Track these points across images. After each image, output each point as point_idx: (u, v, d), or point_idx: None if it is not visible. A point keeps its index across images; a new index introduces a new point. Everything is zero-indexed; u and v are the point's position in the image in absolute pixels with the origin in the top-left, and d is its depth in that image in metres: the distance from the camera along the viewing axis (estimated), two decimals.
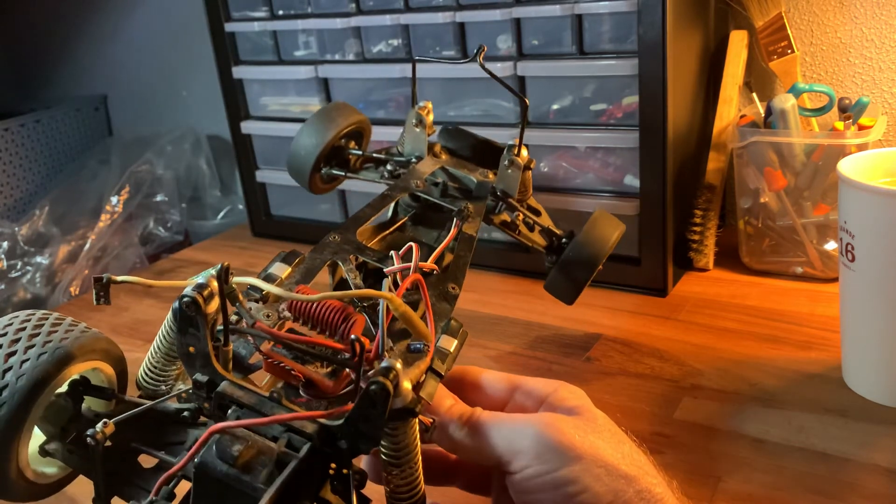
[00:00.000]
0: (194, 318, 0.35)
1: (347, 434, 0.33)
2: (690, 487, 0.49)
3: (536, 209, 0.63)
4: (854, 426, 0.53)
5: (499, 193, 0.58)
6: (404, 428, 0.33)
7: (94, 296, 0.36)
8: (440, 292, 0.45)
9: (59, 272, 1.12)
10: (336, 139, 0.63)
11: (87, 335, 0.39)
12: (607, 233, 0.59)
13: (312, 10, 0.88)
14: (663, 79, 0.69)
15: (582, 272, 0.58)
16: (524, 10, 0.74)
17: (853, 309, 0.56)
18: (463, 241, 0.50)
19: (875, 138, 0.68)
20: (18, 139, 1.30)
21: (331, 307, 0.38)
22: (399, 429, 0.33)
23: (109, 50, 1.39)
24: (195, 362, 0.36)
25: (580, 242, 0.58)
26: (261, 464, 0.31)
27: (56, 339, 0.37)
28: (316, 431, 0.33)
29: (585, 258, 0.58)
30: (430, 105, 0.62)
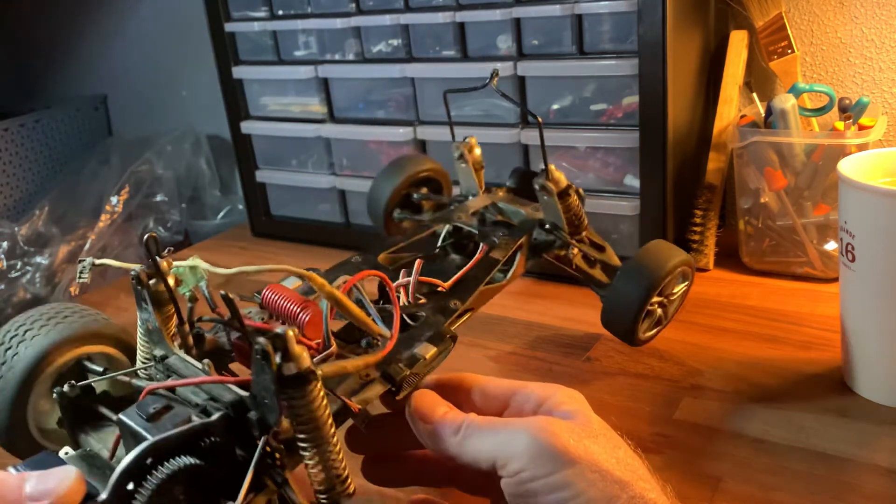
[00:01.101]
0: (142, 292, 0.40)
1: (255, 405, 0.35)
2: (690, 487, 0.49)
3: (600, 245, 0.61)
4: (854, 426, 0.53)
5: (547, 226, 0.58)
6: (304, 399, 0.34)
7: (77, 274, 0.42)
8: (440, 306, 0.47)
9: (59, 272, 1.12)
10: (404, 186, 0.65)
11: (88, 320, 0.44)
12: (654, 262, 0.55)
13: (312, 10, 0.88)
14: (663, 79, 0.69)
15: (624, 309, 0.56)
16: (524, 10, 0.74)
17: (853, 309, 0.56)
18: (483, 264, 0.52)
19: (875, 138, 0.68)
20: (18, 139, 1.30)
21: (289, 299, 0.41)
22: (298, 399, 0.34)
23: (109, 50, 1.39)
24: (153, 338, 0.41)
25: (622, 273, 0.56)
26: (169, 420, 0.34)
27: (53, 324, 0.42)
28: (231, 402, 0.35)
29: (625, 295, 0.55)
30: (473, 140, 0.64)
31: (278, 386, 0.34)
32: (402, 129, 0.85)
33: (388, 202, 0.65)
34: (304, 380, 0.34)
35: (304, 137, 0.94)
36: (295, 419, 0.35)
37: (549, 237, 0.58)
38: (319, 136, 0.92)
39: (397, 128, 0.86)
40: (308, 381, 0.34)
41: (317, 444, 0.35)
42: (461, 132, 0.82)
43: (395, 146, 0.88)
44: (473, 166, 0.63)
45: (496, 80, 0.56)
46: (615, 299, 0.54)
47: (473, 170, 0.63)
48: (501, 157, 0.81)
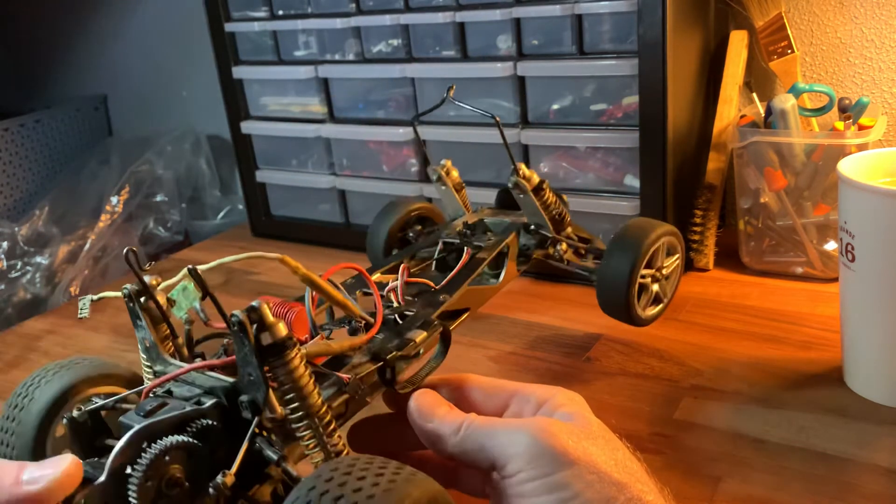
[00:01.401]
0: (134, 310, 0.40)
1: (244, 386, 0.36)
2: (690, 487, 0.49)
3: (587, 237, 0.63)
4: (854, 426, 0.53)
5: (532, 227, 0.60)
6: (286, 368, 0.36)
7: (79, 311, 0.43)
8: (429, 301, 0.50)
9: (59, 272, 1.12)
10: (398, 227, 0.67)
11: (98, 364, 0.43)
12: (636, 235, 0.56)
13: (312, 10, 0.88)
14: (663, 79, 0.69)
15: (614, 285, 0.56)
16: (524, 10, 0.74)
17: (853, 309, 0.56)
18: (470, 265, 0.54)
19: (875, 138, 0.68)
20: (18, 139, 1.30)
21: (275, 303, 0.43)
22: (280, 368, 0.36)
23: (109, 50, 1.39)
24: (151, 354, 0.41)
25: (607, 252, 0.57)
26: (164, 412, 0.36)
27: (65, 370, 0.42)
28: (222, 388, 0.37)
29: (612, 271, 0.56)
30: (448, 163, 0.66)
31: (259, 357, 0.35)
32: (402, 130, 0.85)
33: (385, 243, 0.66)
34: (283, 347, 0.35)
35: (304, 137, 0.94)
36: (281, 391, 0.36)
37: (535, 237, 0.60)
38: (319, 136, 0.92)
39: (397, 128, 0.86)
40: (286, 347, 0.36)
41: (306, 416, 0.36)
42: (461, 132, 0.82)
43: (395, 146, 0.88)
44: (454, 188, 0.65)
45: (452, 92, 0.60)
46: (604, 278, 0.55)
47: (455, 191, 0.65)
48: (501, 157, 0.81)
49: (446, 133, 0.83)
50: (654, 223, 0.58)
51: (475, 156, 0.83)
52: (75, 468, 0.32)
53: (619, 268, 0.55)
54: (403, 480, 0.31)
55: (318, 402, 0.37)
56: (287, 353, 0.36)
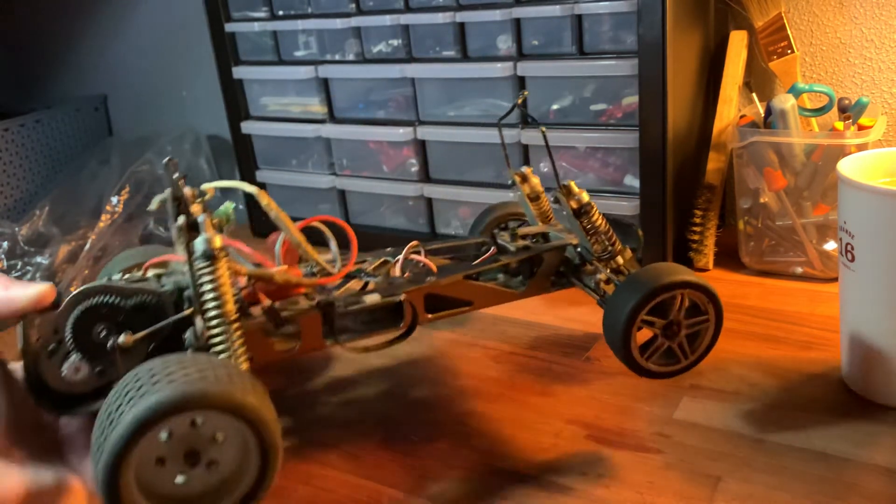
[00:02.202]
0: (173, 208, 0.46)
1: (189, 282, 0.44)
2: (690, 487, 0.49)
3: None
4: (854, 426, 0.53)
5: (579, 250, 0.57)
6: (209, 268, 0.42)
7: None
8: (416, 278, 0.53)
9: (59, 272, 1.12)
10: (495, 224, 0.68)
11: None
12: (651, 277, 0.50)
13: (312, 11, 0.88)
14: (663, 79, 0.69)
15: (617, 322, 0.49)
16: (524, 11, 0.74)
17: (853, 309, 0.56)
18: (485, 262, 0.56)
19: (875, 138, 0.68)
20: (18, 139, 1.30)
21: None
22: (202, 268, 0.42)
23: (109, 50, 1.39)
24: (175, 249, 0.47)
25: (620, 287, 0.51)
26: (125, 282, 0.45)
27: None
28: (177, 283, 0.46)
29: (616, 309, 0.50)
30: (527, 170, 0.62)
31: (190, 260, 0.42)
32: (402, 130, 0.85)
33: (478, 233, 0.67)
34: (211, 255, 0.42)
35: (304, 137, 0.94)
36: (206, 294, 0.43)
37: (576, 259, 0.57)
38: (319, 136, 0.92)
39: (397, 128, 0.86)
40: (214, 257, 0.42)
41: (220, 317, 0.43)
42: (461, 132, 0.82)
43: (395, 146, 0.88)
44: (529, 196, 0.62)
45: (521, 100, 0.60)
46: (606, 311, 0.51)
47: (528, 199, 0.62)
48: (501, 157, 0.81)
49: (446, 133, 0.83)
50: (677, 270, 0.50)
51: (475, 156, 0.83)
52: (50, 290, 0.42)
53: (623, 301, 0.49)
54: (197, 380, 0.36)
55: (232, 311, 0.43)
56: (215, 262, 0.42)
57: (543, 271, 0.56)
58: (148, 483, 0.37)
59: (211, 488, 0.38)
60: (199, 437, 0.37)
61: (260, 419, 0.37)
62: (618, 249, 0.55)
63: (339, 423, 0.60)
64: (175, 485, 0.37)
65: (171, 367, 0.36)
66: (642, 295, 0.48)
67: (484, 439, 0.56)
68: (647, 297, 0.48)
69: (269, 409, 0.38)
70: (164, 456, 0.37)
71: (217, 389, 0.36)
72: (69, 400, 0.43)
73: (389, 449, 0.56)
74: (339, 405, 0.63)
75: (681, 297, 0.49)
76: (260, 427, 0.37)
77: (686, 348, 0.51)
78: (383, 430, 0.58)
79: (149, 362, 0.37)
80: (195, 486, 0.38)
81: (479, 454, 0.54)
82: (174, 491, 0.37)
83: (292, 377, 0.67)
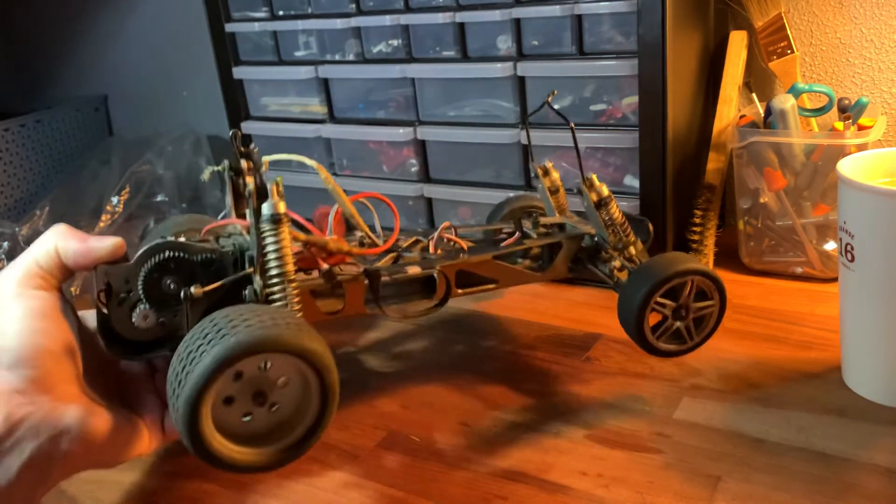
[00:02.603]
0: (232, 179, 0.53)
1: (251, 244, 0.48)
2: (690, 487, 0.49)
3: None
4: (854, 426, 0.53)
5: (596, 240, 0.61)
6: (273, 231, 0.47)
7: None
8: (449, 255, 0.58)
9: None
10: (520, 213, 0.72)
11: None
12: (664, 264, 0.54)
13: (312, 11, 0.88)
14: (663, 79, 0.69)
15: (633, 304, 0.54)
16: (524, 11, 0.74)
17: (853, 309, 0.56)
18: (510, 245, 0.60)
19: (874, 138, 0.69)
20: (18, 139, 1.30)
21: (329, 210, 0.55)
22: (269, 236, 0.47)
23: (110, 50, 1.39)
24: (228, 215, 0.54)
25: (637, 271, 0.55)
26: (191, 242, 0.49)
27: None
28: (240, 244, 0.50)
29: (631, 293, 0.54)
30: (549, 164, 0.67)
31: (257, 222, 0.47)
32: (402, 130, 0.85)
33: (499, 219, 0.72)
34: (276, 219, 0.46)
35: (304, 137, 0.94)
36: (267, 253, 0.47)
37: (591, 247, 0.61)
38: (319, 136, 0.92)
39: (397, 128, 0.86)
40: (279, 220, 0.47)
41: (280, 276, 0.47)
42: (461, 132, 0.82)
43: (395, 146, 0.88)
44: (549, 189, 0.66)
45: (551, 98, 0.63)
46: (622, 297, 0.56)
47: (549, 192, 0.66)
48: (501, 157, 0.81)
49: (446, 133, 0.83)
50: (687, 259, 0.55)
51: (475, 156, 0.83)
52: (122, 244, 0.47)
53: (636, 288, 0.54)
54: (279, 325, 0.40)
55: (292, 271, 0.47)
56: (279, 225, 0.47)
57: (562, 257, 0.61)
58: (216, 420, 0.41)
59: (273, 427, 0.43)
60: (265, 380, 0.42)
61: (324, 364, 0.42)
62: (631, 240, 0.60)
63: (339, 423, 0.60)
64: (241, 423, 0.42)
65: (245, 314, 0.41)
66: (657, 280, 0.53)
67: (484, 439, 0.56)
68: (662, 282, 0.53)
69: (330, 357, 0.42)
70: (233, 396, 0.41)
71: (289, 334, 0.40)
72: (135, 346, 0.48)
73: (390, 449, 0.56)
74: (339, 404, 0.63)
75: (690, 283, 0.54)
76: (323, 372, 0.42)
77: (693, 330, 0.56)
78: (383, 429, 0.58)
79: (223, 310, 0.41)
80: (259, 424, 0.43)
81: (478, 454, 0.54)
82: (240, 429, 0.42)
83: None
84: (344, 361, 0.69)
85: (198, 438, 0.40)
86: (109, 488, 0.55)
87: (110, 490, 0.55)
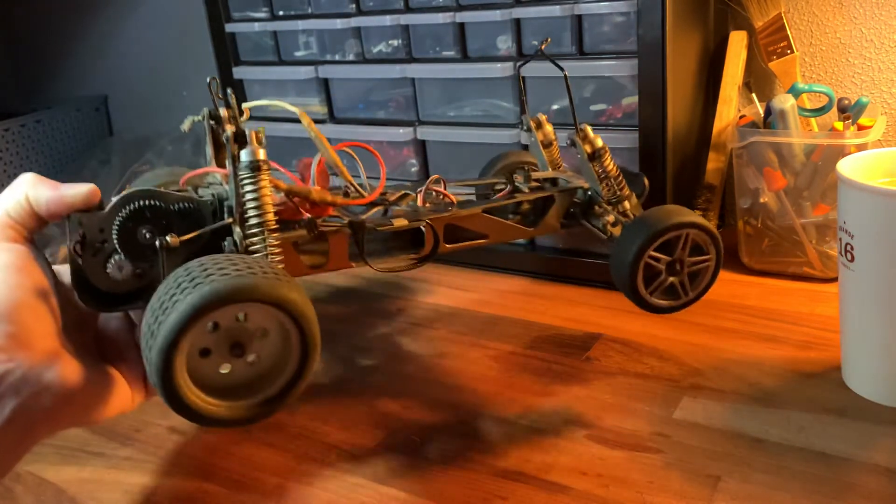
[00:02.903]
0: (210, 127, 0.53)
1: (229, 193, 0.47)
2: (690, 487, 0.49)
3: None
4: (854, 426, 0.53)
5: (590, 193, 0.59)
6: (252, 179, 0.45)
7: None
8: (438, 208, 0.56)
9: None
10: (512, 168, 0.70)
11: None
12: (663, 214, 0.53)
13: (312, 11, 0.88)
14: (663, 79, 0.69)
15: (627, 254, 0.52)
16: (524, 11, 0.74)
17: (852, 309, 0.56)
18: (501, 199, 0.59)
19: (874, 138, 0.69)
20: (19, 139, 1.30)
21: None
22: (245, 178, 0.45)
23: (110, 50, 1.39)
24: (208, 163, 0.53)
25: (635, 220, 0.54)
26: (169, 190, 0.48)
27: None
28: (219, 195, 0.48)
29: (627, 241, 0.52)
30: (542, 117, 0.66)
31: (235, 170, 0.45)
32: (402, 130, 0.85)
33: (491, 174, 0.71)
34: (256, 166, 0.45)
35: (304, 137, 0.94)
36: (243, 204, 0.45)
37: (584, 201, 0.60)
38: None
39: (397, 128, 0.86)
40: (258, 168, 0.45)
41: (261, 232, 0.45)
42: (461, 132, 0.82)
43: (395, 146, 0.88)
44: (542, 143, 0.65)
45: (544, 46, 0.62)
46: (614, 249, 0.54)
47: (542, 146, 0.65)
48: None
49: (446, 133, 0.83)
50: (683, 212, 0.53)
51: (475, 156, 0.83)
52: (96, 190, 0.46)
53: (628, 243, 0.52)
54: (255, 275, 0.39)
55: (272, 220, 0.45)
56: (259, 173, 0.45)
57: (554, 211, 0.59)
58: (193, 373, 0.40)
59: (252, 380, 0.42)
60: (244, 331, 0.41)
61: (303, 314, 0.40)
62: (626, 194, 0.58)
63: (339, 423, 0.60)
64: (220, 374, 0.41)
65: (221, 262, 0.39)
66: (652, 233, 0.51)
67: (483, 439, 0.56)
68: (656, 234, 0.51)
69: (310, 307, 0.40)
70: (209, 347, 0.40)
71: (266, 283, 0.38)
72: (111, 299, 0.46)
73: (390, 449, 0.56)
74: (339, 404, 0.63)
75: (685, 236, 0.53)
76: (302, 322, 0.40)
77: (687, 285, 0.55)
78: (383, 429, 0.58)
79: (199, 259, 0.40)
80: (237, 377, 0.41)
81: (478, 453, 0.54)
82: (217, 381, 0.41)
83: None
84: (344, 361, 0.69)
85: (173, 391, 0.38)
86: (109, 488, 0.55)
87: (110, 490, 0.55)
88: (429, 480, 0.52)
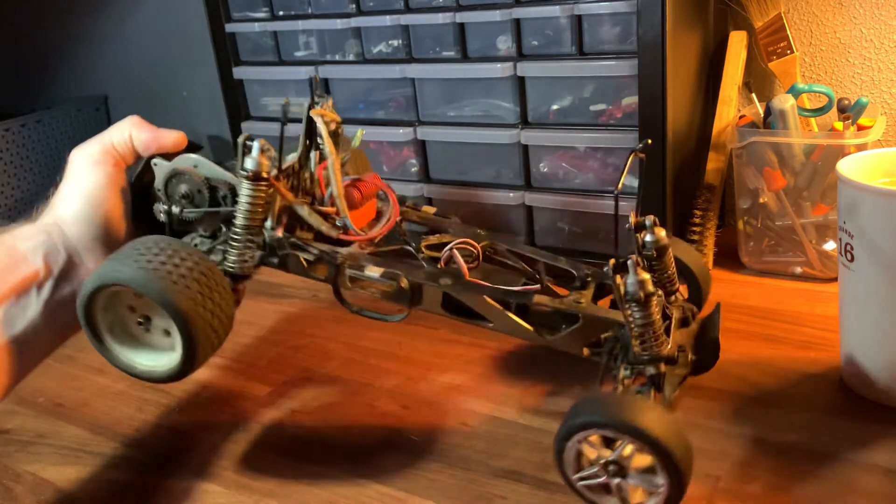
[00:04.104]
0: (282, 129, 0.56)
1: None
2: (690, 487, 0.49)
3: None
4: (854, 426, 0.53)
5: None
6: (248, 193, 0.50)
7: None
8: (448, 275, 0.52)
9: None
10: None
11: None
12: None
13: (312, 11, 0.88)
14: (663, 79, 0.69)
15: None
16: (524, 11, 0.74)
17: (852, 309, 0.56)
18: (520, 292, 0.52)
19: (874, 138, 0.69)
20: (19, 139, 1.30)
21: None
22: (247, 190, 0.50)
23: (110, 50, 1.39)
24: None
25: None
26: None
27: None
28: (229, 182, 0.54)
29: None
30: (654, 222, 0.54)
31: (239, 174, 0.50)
32: (402, 130, 0.85)
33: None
34: (256, 177, 0.50)
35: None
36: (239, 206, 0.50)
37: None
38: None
39: (397, 128, 0.86)
40: (258, 178, 0.50)
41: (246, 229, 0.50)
42: (461, 132, 0.82)
43: (395, 146, 0.88)
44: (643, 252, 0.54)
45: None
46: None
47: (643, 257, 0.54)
48: (501, 157, 0.81)
49: (446, 133, 0.83)
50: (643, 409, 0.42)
51: (475, 156, 0.83)
52: (184, 137, 0.57)
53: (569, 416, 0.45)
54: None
55: (255, 225, 0.51)
56: (257, 183, 0.50)
57: (576, 332, 0.51)
58: (121, 320, 0.49)
59: (156, 345, 0.49)
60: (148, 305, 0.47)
61: (184, 315, 0.44)
62: (661, 355, 0.46)
63: (339, 423, 0.60)
64: (137, 327, 0.49)
65: (152, 250, 0.45)
66: (576, 423, 0.43)
67: (484, 439, 0.56)
68: (584, 426, 0.43)
69: (199, 315, 0.45)
70: (134, 306, 0.48)
71: (159, 285, 0.44)
72: (157, 228, 0.55)
73: (390, 449, 0.56)
74: (339, 404, 0.63)
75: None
76: (182, 326, 0.45)
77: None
78: (383, 429, 0.58)
79: (156, 237, 0.47)
80: (149, 339, 0.49)
81: (478, 454, 0.54)
82: (137, 333, 0.49)
83: (291, 377, 0.67)
84: (344, 361, 0.69)
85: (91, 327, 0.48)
86: (109, 488, 0.55)
87: (109, 489, 0.55)
88: (429, 480, 0.52)
